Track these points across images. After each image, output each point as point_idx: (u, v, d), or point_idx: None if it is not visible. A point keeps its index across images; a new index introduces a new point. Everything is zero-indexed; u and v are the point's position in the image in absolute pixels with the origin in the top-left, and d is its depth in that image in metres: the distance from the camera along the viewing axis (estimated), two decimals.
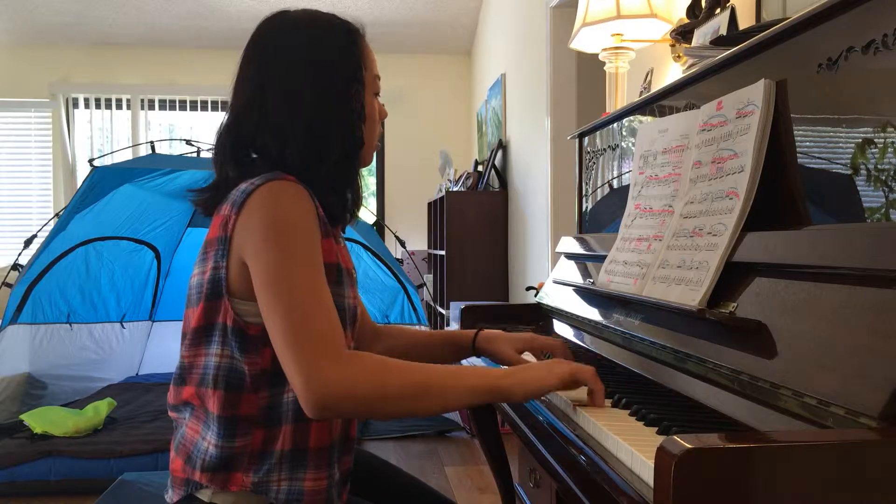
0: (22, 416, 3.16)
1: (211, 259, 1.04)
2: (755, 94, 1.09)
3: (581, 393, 1.07)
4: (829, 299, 0.86)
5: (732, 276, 1.06)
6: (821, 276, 0.89)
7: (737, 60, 1.20)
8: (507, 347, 1.28)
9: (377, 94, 1.17)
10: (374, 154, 1.21)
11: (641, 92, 2.17)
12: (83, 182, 3.64)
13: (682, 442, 0.65)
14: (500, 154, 4.69)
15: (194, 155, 4.16)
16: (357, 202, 1.17)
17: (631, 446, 0.84)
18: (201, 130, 6.01)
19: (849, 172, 0.95)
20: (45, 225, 4.20)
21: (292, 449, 1.05)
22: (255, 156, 1.10)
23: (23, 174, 5.90)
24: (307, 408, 0.94)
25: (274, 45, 1.11)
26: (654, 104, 1.55)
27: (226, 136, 1.10)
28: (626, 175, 1.71)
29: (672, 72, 2.14)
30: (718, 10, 1.76)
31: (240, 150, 1.09)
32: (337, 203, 1.11)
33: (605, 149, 1.87)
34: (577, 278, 1.73)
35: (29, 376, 3.78)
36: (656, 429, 0.92)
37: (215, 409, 1.03)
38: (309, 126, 1.07)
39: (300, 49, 1.09)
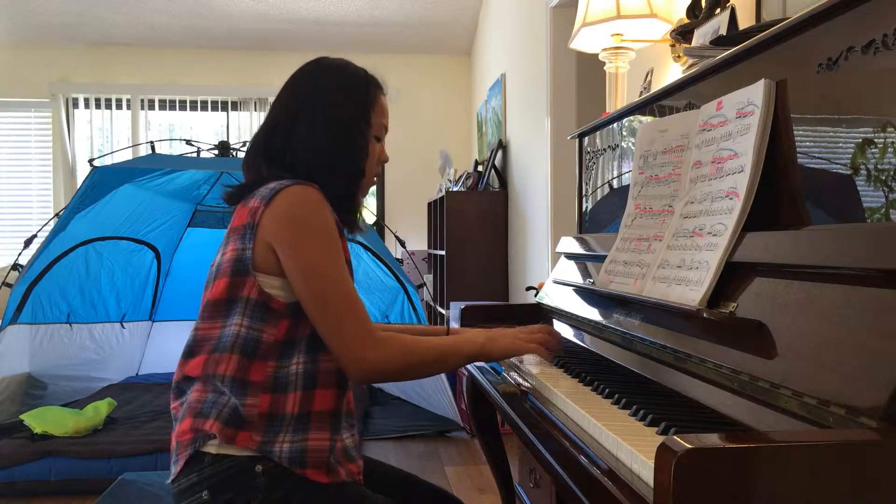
0: (22, 416, 3.16)
1: (237, 242, 1.20)
2: (755, 94, 1.09)
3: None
4: (829, 299, 0.86)
5: (732, 276, 1.06)
6: (821, 276, 0.89)
7: (737, 60, 1.20)
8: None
9: (380, 138, 1.35)
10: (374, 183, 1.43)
11: (641, 92, 2.17)
12: (83, 182, 3.63)
13: (683, 442, 0.65)
14: (500, 154, 4.69)
15: (194, 155, 4.15)
16: (355, 219, 1.36)
17: (631, 446, 0.84)
18: (201, 130, 6.01)
19: (849, 172, 0.95)
20: (45, 225, 4.19)
21: (300, 412, 1.18)
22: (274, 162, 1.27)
23: (23, 174, 5.89)
24: (353, 380, 1.20)
25: (305, 82, 1.32)
26: (654, 104, 1.55)
27: (261, 143, 1.30)
28: (626, 175, 1.71)
29: (672, 72, 2.14)
30: (718, 10, 1.76)
31: (271, 157, 1.28)
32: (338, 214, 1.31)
33: (605, 149, 1.87)
34: (577, 278, 1.73)
35: (29, 376, 3.78)
36: (656, 429, 0.92)
37: (229, 372, 1.16)
38: (320, 150, 1.27)
39: (323, 88, 1.30)
